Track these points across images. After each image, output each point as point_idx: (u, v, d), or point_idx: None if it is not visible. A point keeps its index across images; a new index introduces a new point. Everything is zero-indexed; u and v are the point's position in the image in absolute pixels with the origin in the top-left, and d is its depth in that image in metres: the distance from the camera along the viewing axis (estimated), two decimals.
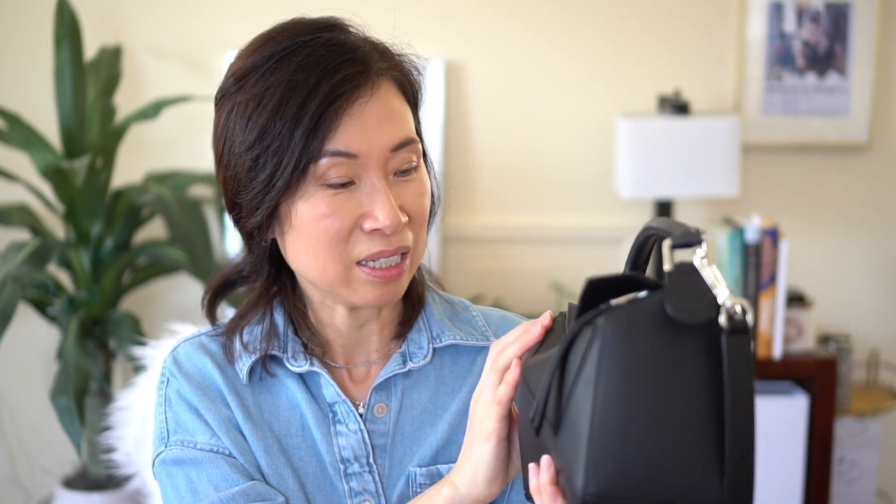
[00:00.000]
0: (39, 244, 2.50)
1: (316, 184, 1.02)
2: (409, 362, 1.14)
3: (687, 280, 0.82)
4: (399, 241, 1.05)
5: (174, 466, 1.10)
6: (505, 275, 2.98)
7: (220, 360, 1.14)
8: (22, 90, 2.87)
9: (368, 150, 1.02)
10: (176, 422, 1.12)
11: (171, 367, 1.14)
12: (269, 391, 1.13)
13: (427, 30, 2.92)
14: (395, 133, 1.04)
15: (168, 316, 2.72)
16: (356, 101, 1.01)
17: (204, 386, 1.13)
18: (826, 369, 2.67)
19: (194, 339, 1.17)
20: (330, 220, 1.02)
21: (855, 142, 3.00)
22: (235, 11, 2.86)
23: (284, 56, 1.02)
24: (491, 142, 2.97)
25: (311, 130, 1.00)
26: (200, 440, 1.10)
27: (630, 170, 2.74)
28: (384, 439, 1.13)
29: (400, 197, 1.04)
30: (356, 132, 1.01)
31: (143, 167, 2.85)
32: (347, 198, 1.02)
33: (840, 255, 3.08)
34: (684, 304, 0.81)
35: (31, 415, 2.98)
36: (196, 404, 1.12)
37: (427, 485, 1.11)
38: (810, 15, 2.93)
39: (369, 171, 1.03)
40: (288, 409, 1.13)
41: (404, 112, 1.07)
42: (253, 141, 1.02)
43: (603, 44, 2.96)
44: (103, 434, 1.97)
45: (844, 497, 2.88)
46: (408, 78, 1.09)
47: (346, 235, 1.03)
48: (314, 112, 1.00)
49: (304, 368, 1.12)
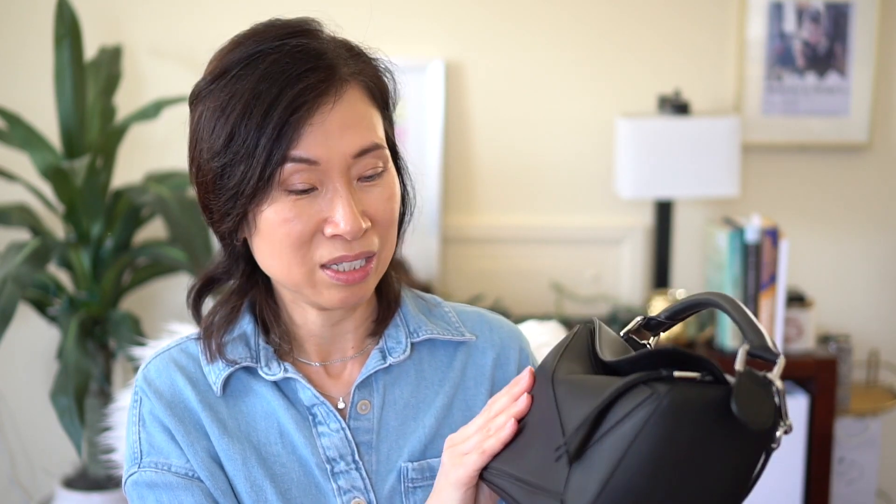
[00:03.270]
0: (39, 244, 2.50)
1: (280, 189, 1.03)
2: (389, 357, 1.15)
3: (757, 386, 0.85)
4: (362, 247, 1.06)
5: (146, 489, 1.10)
6: (505, 275, 2.98)
7: (192, 373, 1.14)
8: (22, 90, 2.87)
9: (329, 157, 1.03)
10: (150, 443, 1.12)
11: (143, 386, 1.14)
12: (243, 402, 1.13)
13: (427, 30, 2.92)
14: (358, 140, 1.04)
15: (168, 316, 2.72)
16: (318, 110, 1.02)
17: (176, 405, 1.12)
18: (826, 369, 2.67)
19: (164, 353, 1.17)
20: (292, 225, 1.04)
21: (855, 142, 3.00)
22: (235, 12, 2.86)
23: (251, 62, 1.04)
24: (491, 142, 2.97)
25: (274, 140, 1.01)
26: (175, 463, 1.11)
27: (630, 170, 2.74)
28: (369, 436, 1.14)
29: (363, 202, 1.05)
30: (318, 140, 1.02)
31: (143, 167, 2.85)
32: (310, 203, 1.04)
33: (840, 255, 3.08)
34: (751, 408, 0.83)
35: (31, 415, 2.98)
36: (169, 425, 1.11)
37: (418, 479, 1.13)
38: (810, 15, 2.93)
39: (331, 177, 1.04)
40: (264, 418, 1.13)
41: (370, 117, 1.07)
42: (220, 149, 1.04)
43: (603, 44, 2.96)
44: (103, 434, 1.98)
45: (844, 497, 2.88)
46: (377, 82, 1.09)
47: (307, 239, 1.05)
48: (277, 121, 1.01)
49: (278, 376, 1.13)
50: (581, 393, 0.92)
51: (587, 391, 0.91)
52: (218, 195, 1.06)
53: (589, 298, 3.00)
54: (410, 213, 1.17)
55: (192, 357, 1.15)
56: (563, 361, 0.98)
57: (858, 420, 2.86)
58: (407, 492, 1.12)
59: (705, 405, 0.83)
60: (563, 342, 1.01)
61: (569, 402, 0.92)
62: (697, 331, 2.76)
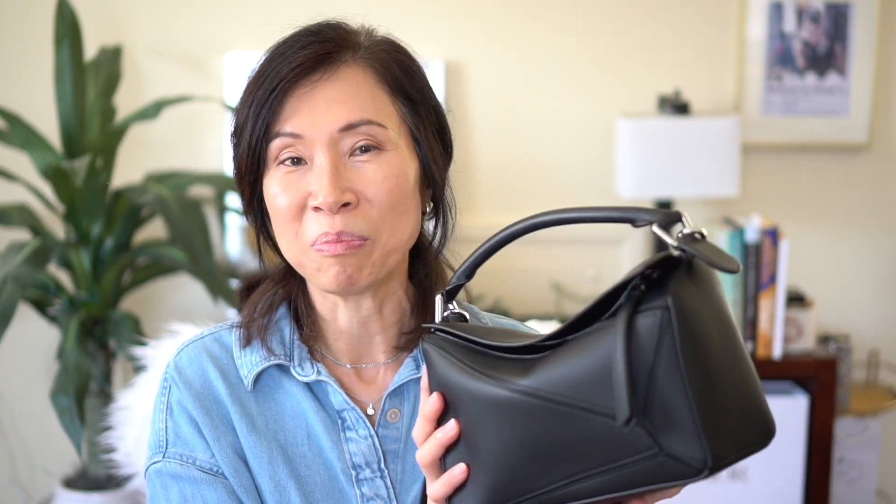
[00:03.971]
0: (39, 244, 2.50)
1: (274, 164, 1.06)
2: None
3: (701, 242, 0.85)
4: (344, 226, 1.03)
5: (169, 479, 1.10)
6: (505, 275, 2.98)
7: (224, 365, 1.13)
8: (22, 90, 2.86)
9: (313, 131, 1.04)
10: (176, 433, 1.11)
11: (174, 374, 1.14)
12: (273, 400, 1.12)
13: (427, 30, 2.92)
14: (345, 114, 1.04)
15: (168, 316, 2.72)
16: (306, 83, 1.04)
17: (205, 397, 1.12)
18: (826, 369, 2.67)
19: (198, 341, 1.16)
20: (281, 198, 1.05)
21: (855, 142, 3.00)
22: (235, 11, 2.86)
23: (271, 51, 1.07)
24: (491, 142, 2.97)
25: (259, 115, 1.05)
26: (200, 457, 1.10)
27: (630, 170, 2.74)
28: (397, 444, 1.12)
29: (352, 179, 1.04)
30: (304, 114, 1.04)
31: (143, 167, 2.85)
32: (299, 177, 1.05)
33: (840, 255, 3.08)
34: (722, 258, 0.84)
35: (31, 415, 2.98)
36: (196, 417, 1.11)
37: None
38: (810, 15, 2.93)
39: (315, 150, 1.04)
40: (293, 418, 1.12)
41: (372, 96, 1.06)
42: (231, 137, 1.10)
43: (603, 44, 2.96)
44: (103, 434, 1.98)
45: (844, 497, 2.88)
46: (392, 70, 1.08)
47: (296, 213, 1.05)
48: (261, 95, 1.04)
49: (311, 378, 1.11)
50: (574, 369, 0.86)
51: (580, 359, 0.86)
52: (238, 183, 1.10)
53: (589, 298, 2.99)
54: (448, 219, 1.15)
55: (226, 348, 1.14)
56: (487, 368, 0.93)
57: (858, 420, 2.86)
58: None
59: (697, 284, 0.84)
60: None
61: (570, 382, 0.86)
62: None
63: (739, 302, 2.67)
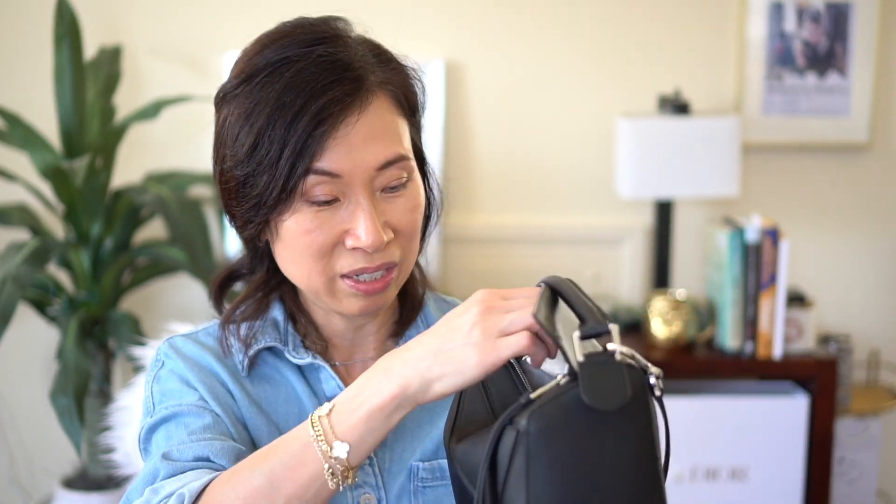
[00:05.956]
0: (39, 244, 2.50)
1: (302, 200, 1.03)
2: None
3: (599, 368, 0.84)
4: (382, 258, 1.05)
5: (159, 426, 1.09)
6: (505, 275, 2.98)
7: (218, 352, 1.15)
8: (22, 90, 2.86)
9: (353, 170, 1.02)
10: (161, 392, 1.12)
11: (167, 351, 1.15)
12: (268, 383, 1.14)
13: (427, 30, 2.92)
14: (382, 152, 1.04)
15: (168, 316, 2.73)
16: (343, 122, 1.01)
17: (202, 368, 1.13)
18: (826, 369, 2.67)
19: (189, 335, 1.18)
20: (314, 236, 1.04)
21: (855, 142, 3.00)
22: (235, 11, 2.86)
23: (277, 69, 1.03)
24: (491, 142, 2.97)
25: (298, 152, 1.01)
26: (187, 401, 1.10)
27: (630, 170, 2.74)
28: None
29: (386, 213, 1.05)
30: (341, 153, 1.02)
31: (143, 167, 2.85)
32: (332, 214, 1.04)
33: (840, 255, 3.07)
34: (601, 392, 0.83)
35: (31, 415, 2.98)
36: (187, 376, 1.11)
37: (428, 479, 1.12)
38: (810, 15, 2.93)
39: (354, 189, 1.03)
40: (286, 402, 1.13)
41: (397, 126, 1.06)
42: (243, 157, 1.04)
43: (603, 44, 2.96)
44: (103, 434, 1.97)
45: (845, 497, 2.88)
46: (405, 90, 1.08)
47: (329, 250, 1.04)
48: (301, 134, 1.00)
49: (305, 361, 1.13)
50: (473, 453, 0.93)
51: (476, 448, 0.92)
52: (241, 202, 1.06)
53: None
54: (436, 218, 1.16)
55: (219, 340, 1.16)
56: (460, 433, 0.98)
57: (859, 420, 2.86)
58: (416, 491, 1.12)
59: (567, 412, 0.83)
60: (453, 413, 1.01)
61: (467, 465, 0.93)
62: (697, 331, 2.76)
63: (739, 302, 2.67)
